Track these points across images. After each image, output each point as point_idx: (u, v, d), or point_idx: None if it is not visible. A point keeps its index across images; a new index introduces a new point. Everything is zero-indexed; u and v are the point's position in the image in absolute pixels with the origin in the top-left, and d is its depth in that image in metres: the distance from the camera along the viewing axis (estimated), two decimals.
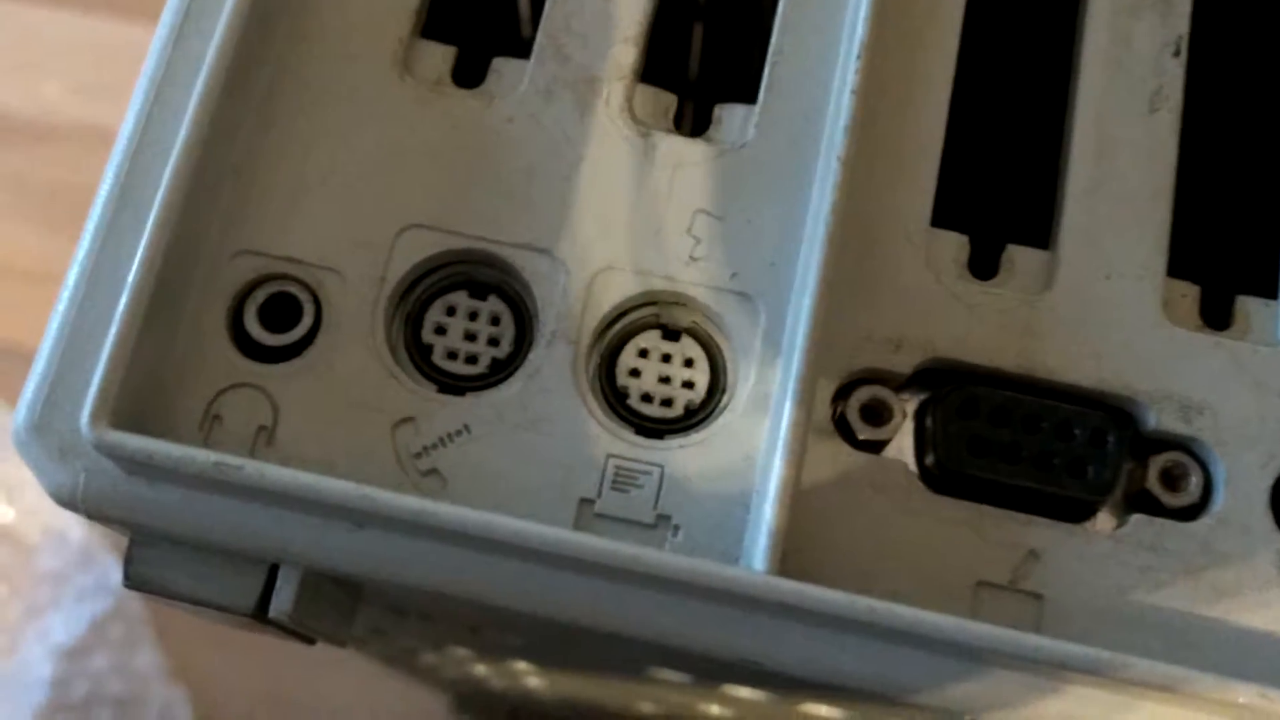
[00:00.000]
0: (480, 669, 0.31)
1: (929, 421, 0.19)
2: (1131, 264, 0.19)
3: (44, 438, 0.18)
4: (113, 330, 0.17)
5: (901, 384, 0.19)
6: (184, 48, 0.20)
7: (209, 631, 0.53)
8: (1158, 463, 0.19)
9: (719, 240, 0.19)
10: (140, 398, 0.18)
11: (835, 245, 0.18)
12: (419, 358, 0.19)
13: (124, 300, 0.18)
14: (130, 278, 0.18)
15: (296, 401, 0.19)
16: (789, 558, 0.17)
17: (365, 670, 0.52)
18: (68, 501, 0.18)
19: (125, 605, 0.56)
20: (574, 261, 0.19)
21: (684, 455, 0.18)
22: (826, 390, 0.19)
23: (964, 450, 0.19)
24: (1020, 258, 0.20)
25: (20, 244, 0.65)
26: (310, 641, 0.20)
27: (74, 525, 0.58)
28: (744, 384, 0.19)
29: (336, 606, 0.19)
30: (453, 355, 0.19)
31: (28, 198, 0.65)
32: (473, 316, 0.19)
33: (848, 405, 0.19)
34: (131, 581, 0.18)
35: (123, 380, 0.17)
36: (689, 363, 0.19)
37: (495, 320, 0.19)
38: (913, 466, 0.19)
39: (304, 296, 0.19)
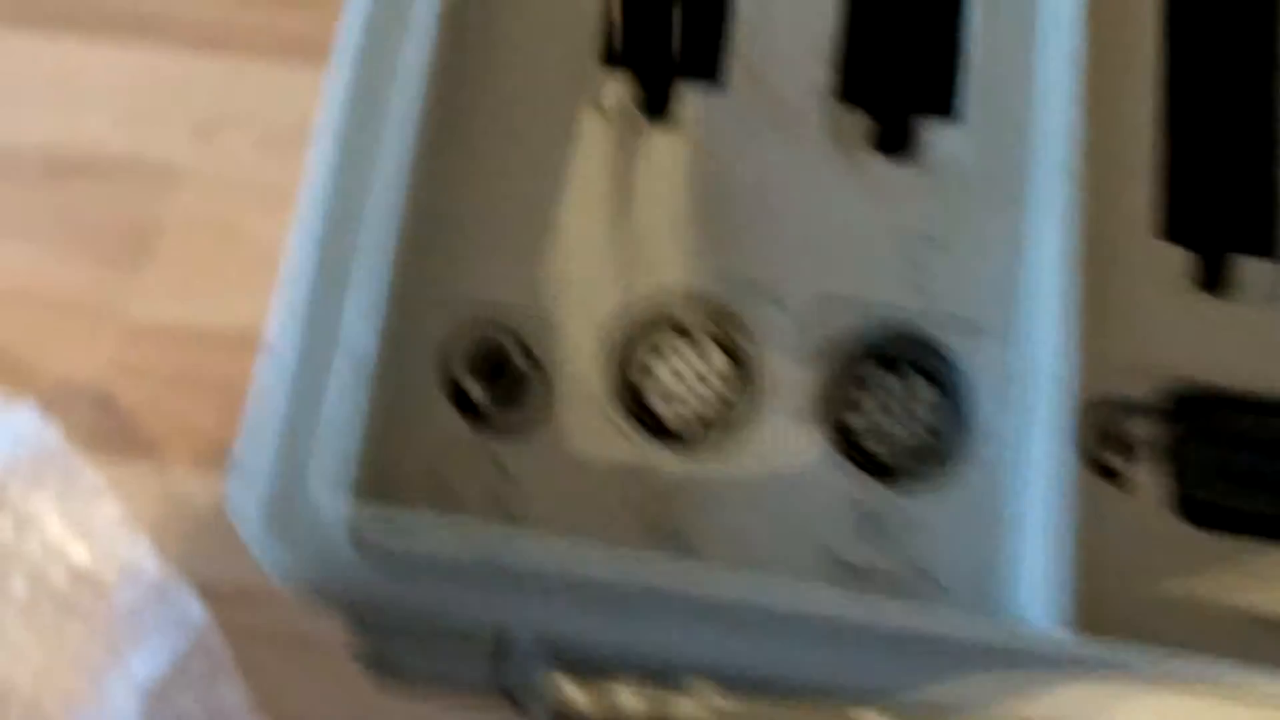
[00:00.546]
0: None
1: (1178, 451, 0.18)
2: None
3: (269, 516, 0.17)
4: (340, 399, 0.16)
5: (1145, 410, 0.18)
6: (368, 96, 0.19)
7: (291, 662, 0.52)
8: None
9: (942, 267, 0.18)
10: (370, 467, 0.17)
11: (1074, 267, 0.17)
12: (637, 406, 0.18)
13: (349, 366, 0.16)
14: (354, 342, 0.17)
15: (523, 462, 0.17)
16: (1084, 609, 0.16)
17: (450, 697, 0.51)
18: (294, 581, 0.17)
19: (206, 640, 0.55)
20: (793, 298, 0.18)
21: (931, 499, 0.17)
22: (1076, 420, 0.18)
23: (1218, 481, 0.18)
24: (1248, 270, 0.19)
25: (73, 279, 0.63)
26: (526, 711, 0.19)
27: (150, 561, 0.57)
28: (983, 417, 0.18)
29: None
30: (671, 400, 0.18)
31: (78, 232, 0.64)
32: (686, 359, 0.18)
33: (1090, 435, 0.18)
34: (364, 663, 0.17)
35: (358, 452, 0.16)
36: (919, 397, 0.18)
37: (709, 362, 0.18)
38: (1165, 498, 0.18)
39: (518, 349, 0.18)
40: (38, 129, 0.66)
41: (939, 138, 0.19)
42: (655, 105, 0.19)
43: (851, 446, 0.18)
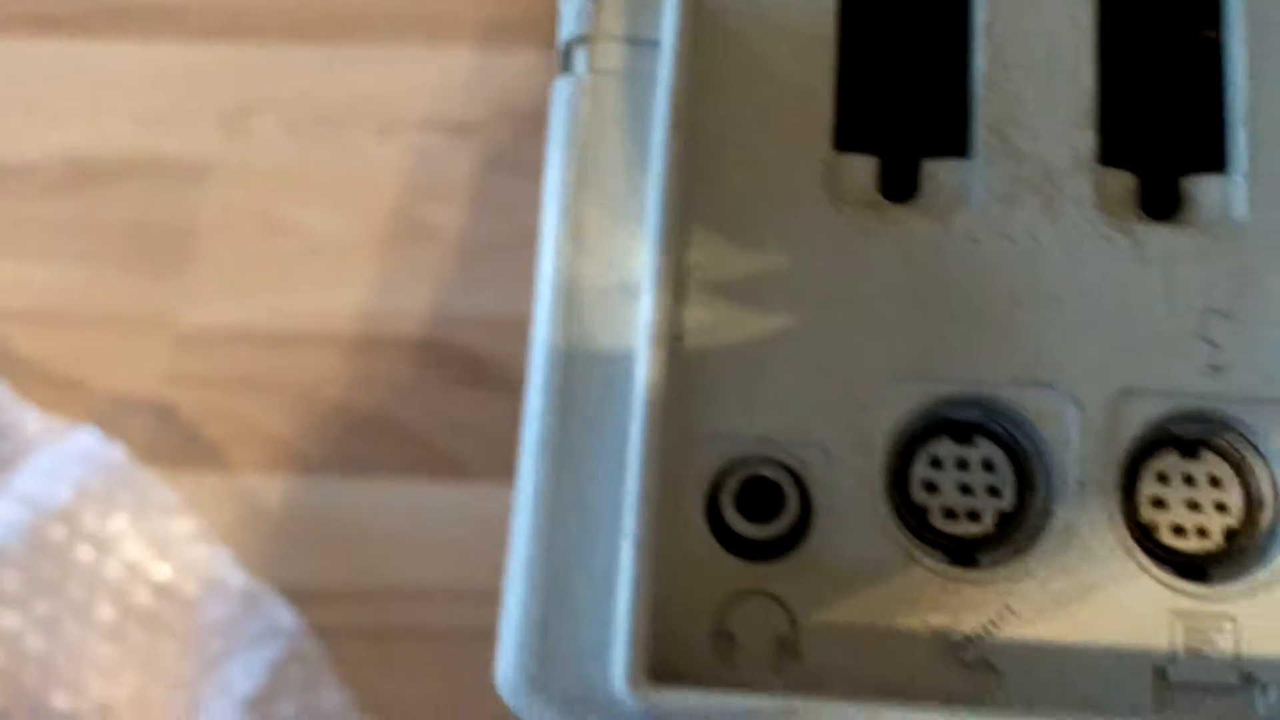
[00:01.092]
0: None
1: None
2: None
3: (547, 699, 0.15)
4: (623, 566, 0.15)
5: None
6: (584, 204, 0.17)
7: (380, 656, 0.52)
8: None
9: (1239, 342, 0.17)
10: (657, 640, 0.15)
11: None
12: (917, 524, 0.17)
13: (629, 528, 0.15)
14: (629, 503, 0.15)
15: (809, 603, 0.16)
16: None
17: None
18: None
19: (300, 645, 0.54)
20: (1083, 391, 0.17)
21: (1253, 599, 0.16)
22: None
23: None
24: None
25: (116, 290, 0.61)
26: None
27: (233, 571, 0.56)
28: None
29: None
30: (951, 514, 0.17)
31: (114, 241, 0.62)
32: (962, 465, 0.17)
33: None
34: None
35: (646, 629, 0.15)
36: (1226, 486, 0.17)
37: (989, 466, 0.17)
38: None
39: (784, 478, 0.16)
40: (58, 137, 0.63)
41: (1213, 195, 0.17)
42: (902, 187, 0.17)
43: (1160, 548, 0.16)
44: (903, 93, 0.18)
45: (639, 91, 0.17)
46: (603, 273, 0.17)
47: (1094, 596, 0.16)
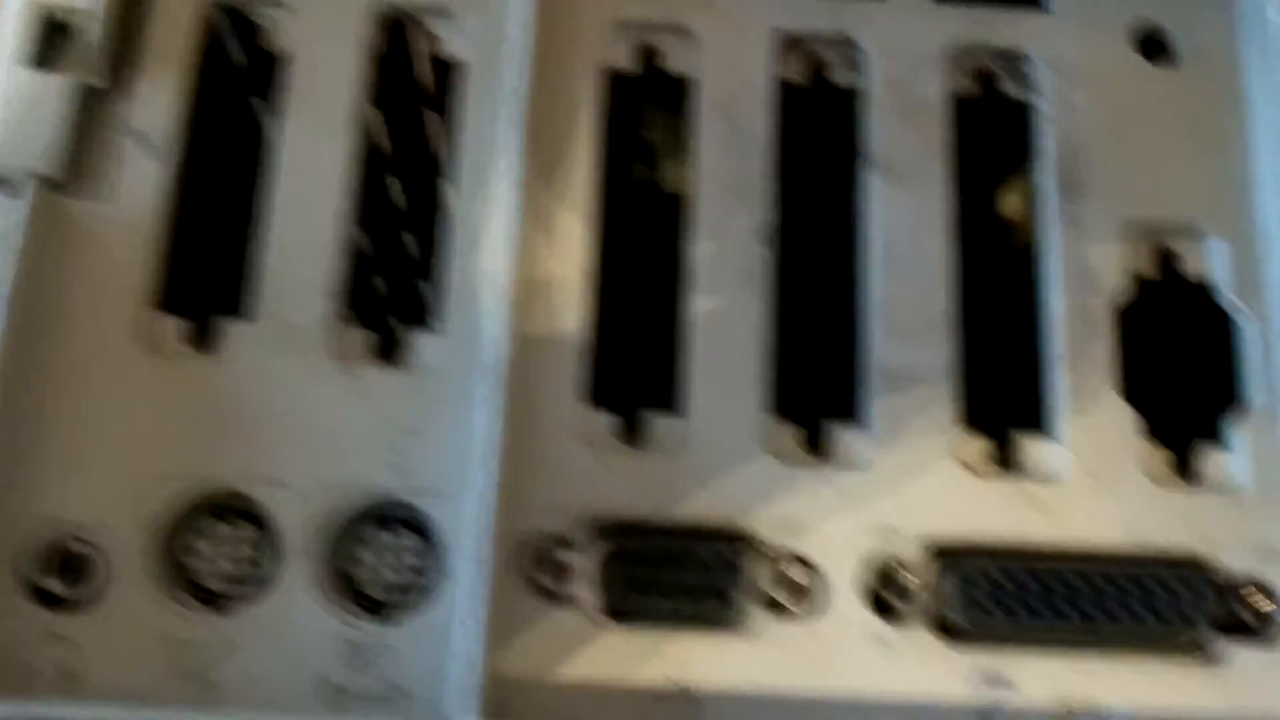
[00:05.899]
0: None
1: (600, 570, 0.24)
2: (734, 420, 0.25)
3: None
4: None
5: (575, 542, 0.24)
6: None
7: None
8: (775, 572, 0.24)
9: (418, 452, 0.24)
10: None
11: (497, 449, 0.23)
12: (190, 583, 0.24)
13: None
14: None
15: (97, 642, 0.22)
16: (502, 701, 0.22)
17: None
18: None
19: None
20: (305, 486, 0.24)
21: (408, 628, 0.23)
22: (517, 555, 0.24)
23: (630, 590, 0.24)
24: (660, 425, 0.25)
25: None
26: None
27: None
28: (453, 560, 0.24)
29: None
30: (216, 576, 0.24)
31: None
32: (222, 536, 0.24)
33: (538, 566, 0.24)
34: None
35: None
36: (407, 549, 0.24)
37: (249, 542, 0.24)
38: (597, 607, 0.24)
39: (91, 550, 0.23)
40: None
41: (427, 349, 0.25)
42: (200, 339, 0.25)
43: (354, 592, 0.24)
44: (208, 267, 0.26)
45: None
46: None
47: (296, 633, 0.23)
